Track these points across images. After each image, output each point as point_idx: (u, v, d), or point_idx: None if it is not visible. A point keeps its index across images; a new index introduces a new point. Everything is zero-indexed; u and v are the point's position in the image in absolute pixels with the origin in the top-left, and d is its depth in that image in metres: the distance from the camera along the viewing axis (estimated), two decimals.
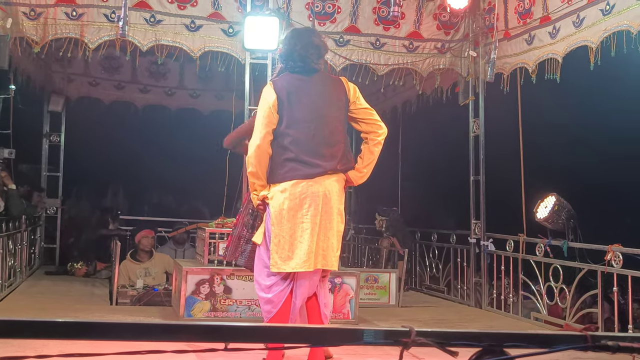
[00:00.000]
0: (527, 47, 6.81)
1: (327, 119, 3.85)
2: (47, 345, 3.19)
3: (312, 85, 3.89)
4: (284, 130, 3.80)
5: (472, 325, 6.40)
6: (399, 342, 1.27)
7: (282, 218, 3.80)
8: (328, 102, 3.89)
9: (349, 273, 6.37)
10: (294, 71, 3.92)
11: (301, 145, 3.78)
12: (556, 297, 6.32)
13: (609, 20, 5.60)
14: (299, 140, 3.79)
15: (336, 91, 3.95)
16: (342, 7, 7.20)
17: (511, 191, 7.20)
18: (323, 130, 3.82)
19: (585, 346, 1.39)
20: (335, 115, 3.90)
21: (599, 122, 8.78)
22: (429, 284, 8.80)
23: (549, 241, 6.47)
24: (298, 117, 3.80)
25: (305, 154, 3.78)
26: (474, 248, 7.63)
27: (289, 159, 3.78)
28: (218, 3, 6.88)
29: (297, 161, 3.77)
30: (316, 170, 3.78)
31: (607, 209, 9.40)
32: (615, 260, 5.52)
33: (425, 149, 10.40)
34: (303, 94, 3.85)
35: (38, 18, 6.48)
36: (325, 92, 3.92)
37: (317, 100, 3.87)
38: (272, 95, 3.83)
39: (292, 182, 3.78)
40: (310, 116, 3.82)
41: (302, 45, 3.89)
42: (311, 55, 3.89)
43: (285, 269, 3.82)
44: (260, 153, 3.82)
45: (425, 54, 7.51)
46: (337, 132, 3.88)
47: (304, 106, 3.82)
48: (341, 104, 3.93)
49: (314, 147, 3.80)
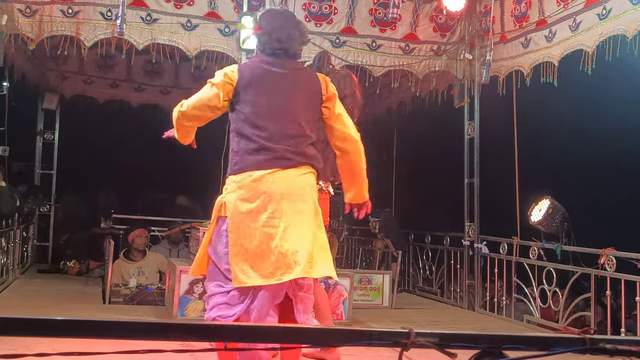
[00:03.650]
0: (523, 50, 6.83)
1: (294, 112, 3.32)
2: (40, 343, 3.16)
3: (289, 72, 3.38)
4: (249, 115, 3.26)
5: (466, 327, 6.40)
6: (398, 344, 1.27)
7: (241, 221, 3.17)
8: (299, 94, 3.37)
9: (343, 274, 6.36)
10: (272, 54, 3.38)
11: (269, 134, 3.24)
12: (549, 300, 6.34)
13: (605, 24, 5.63)
14: (267, 129, 3.25)
15: (311, 83, 3.44)
16: (338, 8, 7.21)
17: (505, 194, 7.21)
18: (293, 123, 3.30)
19: (583, 349, 1.39)
20: (308, 110, 3.39)
21: (594, 126, 8.81)
22: (422, 286, 8.81)
23: (542, 244, 6.48)
24: (266, 104, 3.28)
25: (274, 143, 3.24)
26: (468, 250, 7.64)
27: (254, 149, 3.23)
28: (214, 2, 6.87)
29: (265, 151, 3.22)
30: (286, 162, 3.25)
31: (601, 213, 9.43)
32: (609, 263, 5.54)
33: (419, 151, 10.41)
34: (277, 80, 3.34)
35: (34, 15, 6.45)
36: (301, 81, 3.42)
37: (291, 90, 3.35)
38: (232, 77, 3.30)
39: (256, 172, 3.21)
40: (281, 105, 3.30)
41: (289, 25, 3.43)
42: (298, 38, 3.42)
43: (247, 282, 3.12)
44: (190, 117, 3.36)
45: (421, 56, 7.52)
46: (308, 128, 3.35)
47: (275, 94, 3.31)
48: (315, 101, 3.41)
49: (282, 137, 3.26)
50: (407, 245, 9.14)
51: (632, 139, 8.62)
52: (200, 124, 3.45)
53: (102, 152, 11.15)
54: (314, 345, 1.11)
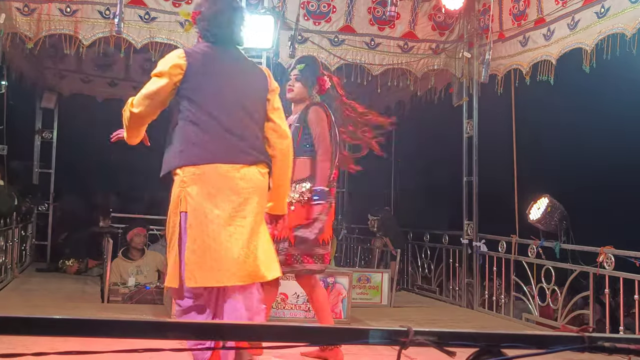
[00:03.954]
0: (522, 48, 6.83)
1: (246, 102, 3.17)
2: (37, 342, 3.15)
3: (234, 59, 3.23)
4: (194, 105, 3.08)
5: (465, 325, 6.41)
6: (397, 342, 1.27)
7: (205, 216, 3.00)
8: (247, 84, 3.22)
9: (342, 273, 6.37)
10: (216, 40, 3.22)
11: (226, 125, 3.08)
12: (548, 298, 6.34)
13: (603, 22, 5.62)
14: (223, 120, 3.08)
15: (256, 74, 3.29)
16: (337, 7, 7.20)
17: (504, 192, 7.22)
18: (240, 114, 3.13)
19: (582, 347, 1.39)
20: (255, 100, 3.23)
21: (593, 124, 8.82)
22: (421, 285, 8.81)
23: (541, 242, 6.48)
24: (219, 93, 3.11)
25: (233, 135, 3.08)
26: (466, 249, 7.65)
27: (213, 139, 3.06)
28: None
29: (225, 142, 3.06)
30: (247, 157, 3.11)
31: (599, 211, 9.44)
32: (607, 262, 5.54)
33: (418, 149, 10.42)
34: (226, 68, 3.17)
35: (32, 14, 6.44)
36: (246, 70, 3.26)
37: (236, 78, 3.18)
38: (181, 62, 3.12)
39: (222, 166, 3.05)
40: (234, 96, 3.14)
41: (230, 8, 3.26)
42: (239, 22, 3.25)
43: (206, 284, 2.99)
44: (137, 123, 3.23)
45: (419, 55, 7.52)
46: (256, 120, 3.20)
47: (227, 83, 3.13)
48: (262, 93, 3.25)
49: (239, 129, 3.10)
50: (406, 243, 9.14)
51: (631, 137, 8.63)
52: (151, 119, 3.30)
53: (101, 150, 11.13)
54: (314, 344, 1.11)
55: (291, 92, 4.41)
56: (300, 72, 4.43)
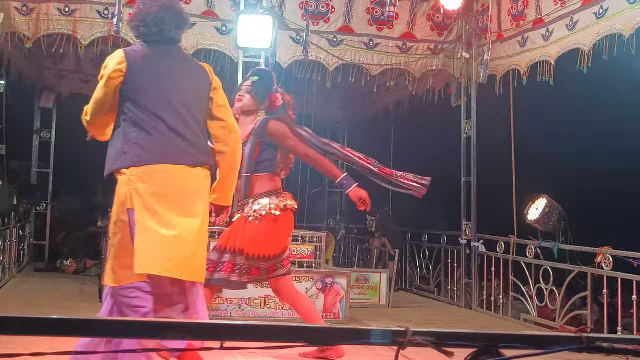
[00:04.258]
0: (520, 49, 6.84)
1: (188, 102, 3.14)
2: (35, 342, 3.15)
3: (170, 58, 3.20)
4: (135, 105, 3.07)
5: (463, 326, 6.41)
6: (395, 342, 1.27)
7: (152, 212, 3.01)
8: (189, 83, 3.18)
9: (340, 273, 6.37)
10: (147, 39, 3.20)
11: (169, 126, 3.06)
12: (546, 298, 6.35)
13: (602, 23, 5.63)
14: (166, 120, 3.06)
15: (197, 72, 3.25)
16: (335, 7, 7.20)
17: (502, 193, 7.22)
18: (181, 114, 3.11)
19: (580, 347, 1.39)
20: (197, 99, 3.20)
21: (591, 125, 8.83)
22: (420, 285, 8.82)
23: (539, 243, 6.49)
24: (160, 93, 3.09)
25: (177, 136, 3.07)
26: (465, 249, 7.65)
27: (158, 140, 3.05)
28: (212, 1, 6.86)
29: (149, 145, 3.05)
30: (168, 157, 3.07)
31: (598, 211, 9.44)
32: (606, 262, 5.55)
33: (417, 149, 10.41)
34: (158, 66, 3.15)
35: (30, 13, 6.44)
36: (185, 70, 3.22)
37: (174, 77, 3.16)
38: (121, 63, 3.10)
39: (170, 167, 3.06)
40: (170, 90, 3.11)
41: (159, 7, 3.17)
42: (170, 22, 3.17)
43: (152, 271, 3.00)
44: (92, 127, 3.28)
45: (418, 55, 7.53)
46: (198, 120, 3.18)
47: (158, 81, 3.11)
48: (204, 91, 3.22)
49: (182, 130, 3.09)
50: (404, 243, 9.15)
51: (629, 137, 8.63)
52: (112, 122, 3.26)
53: (99, 150, 11.11)
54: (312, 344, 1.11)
55: (240, 102, 4.23)
56: (252, 85, 4.28)
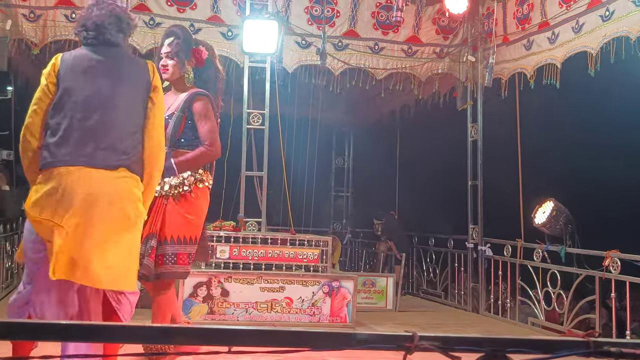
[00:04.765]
0: (526, 52, 6.83)
1: (114, 102, 3.07)
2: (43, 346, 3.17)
3: (105, 60, 3.14)
4: (57, 106, 3.04)
5: (470, 330, 6.39)
6: (402, 347, 1.27)
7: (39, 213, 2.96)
8: (121, 83, 3.12)
9: (347, 277, 6.37)
10: (86, 42, 3.17)
11: (71, 127, 3.00)
12: (553, 302, 6.32)
13: (608, 26, 5.62)
14: (71, 120, 3.00)
15: (135, 73, 3.17)
16: (341, 12, 7.21)
17: (509, 196, 7.20)
18: (105, 115, 3.04)
19: (587, 352, 1.38)
20: (128, 100, 3.12)
21: (598, 128, 8.80)
22: (426, 289, 8.80)
23: (546, 246, 6.47)
24: (77, 92, 3.06)
25: (75, 138, 2.99)
26: (472, 253, 7.63)
27: (53, 143, 3.00)
28: (217, 6, 6.89)
29: (63, 146, 2.99)
30: (82, 159, 2.97)
31: (605, 215, 9.41)
32: (613, 266, 5.52)
33: (423, 153, 10.41)
34: (90, 67, 3.10)
35: (37, 20, 6.48)
36: (120, 70, 3.15)
37: (106, 78, 3.10)
38: (56, 65, 3.10)
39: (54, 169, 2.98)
40: (92, 94, 3.05)
41: (99, 12, 3.16)
42: (109, 25, 3.15)
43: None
44: (28, 134, 3.13)
45: (423, 59, 7.53)
46: (127, 122, 3.08)
47: (87, 81, 3.07)
48: (139, 89, 3.14)
49: (87, 131, 3.00)
50: (411, 247, 9.13)
51: (636, 140, 8.60)
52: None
53: None
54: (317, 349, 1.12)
55: (166, 72, 3.90)
56: (170, 47, 3.93)
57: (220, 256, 6.08)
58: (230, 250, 6.13)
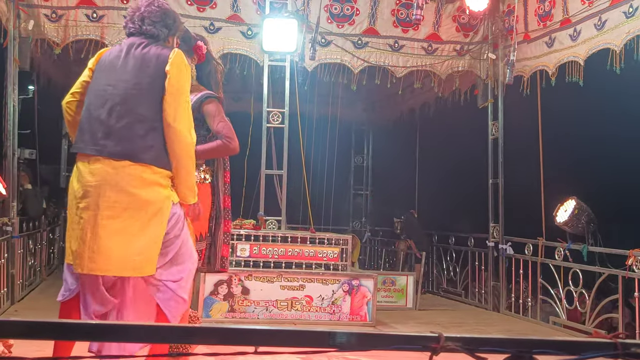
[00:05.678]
0: (547, 49, 6.77)
1: (127, 88, 3.06)
2: None
3: (132, 51, 3.13)
4: (86, 94, 3.18)
5: (491, 329, 6.36)
6: (428, 348, 1.26)
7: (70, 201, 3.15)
8: (136, 74, 3.08)
9: (367, 275, 6.37)
10: (129, 33, 3.24)
11: (87, 116, 3.08)
12: (575, 301, 6.27)
13: (632, 22, 5.55)
14: (88, 110, 3.09)
15: (155, 63, 3.10)
16: (360, 9, 7.20)
17: (530, 194, 7.15)
18: (117, 100, 3.05)
19: (615, 354, 1.37)
20: (142, 86, 3.07)
21: (620, 126, 8.69)
22: (446, 287, 8.77)
23: (568, 245, 6.41)
24: (98, 82, 3.13)
25: (90, 126, 3.07)
26: (492, 251, 7.59)
27: (79, 129, 3.15)
28: (237, 5, 6.90)
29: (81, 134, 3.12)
30: (96, 148, 3.05)
31: (628, 213, 9.30)
32: (637, 265, 5.46)
33: (443, 151, 10.36)
34: (116, 58, 3.14)
35: (59, 20, 6.54)
36: (141, 61, 3.12)
37: (124, 69, 3.10)
38: (101, 54, 3.24)
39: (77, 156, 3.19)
40: (109, 79, 3.09)
41: (149, 8, 3.21)
42: (154, 18, 3.19)
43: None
44: (64, 108, 3.31)
45: (444, 56, 7.49)
46: (137, 112, 3.05)
47: (109, 72, 3.12)
48: (154, 78, 3.07)
49: (99, 119, 3.04)
50: (431, 246, 9.10)
51: None
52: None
53: None
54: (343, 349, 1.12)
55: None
56: None
57: (241, 254, 6.11)
58: (251, 248, 6.15)
